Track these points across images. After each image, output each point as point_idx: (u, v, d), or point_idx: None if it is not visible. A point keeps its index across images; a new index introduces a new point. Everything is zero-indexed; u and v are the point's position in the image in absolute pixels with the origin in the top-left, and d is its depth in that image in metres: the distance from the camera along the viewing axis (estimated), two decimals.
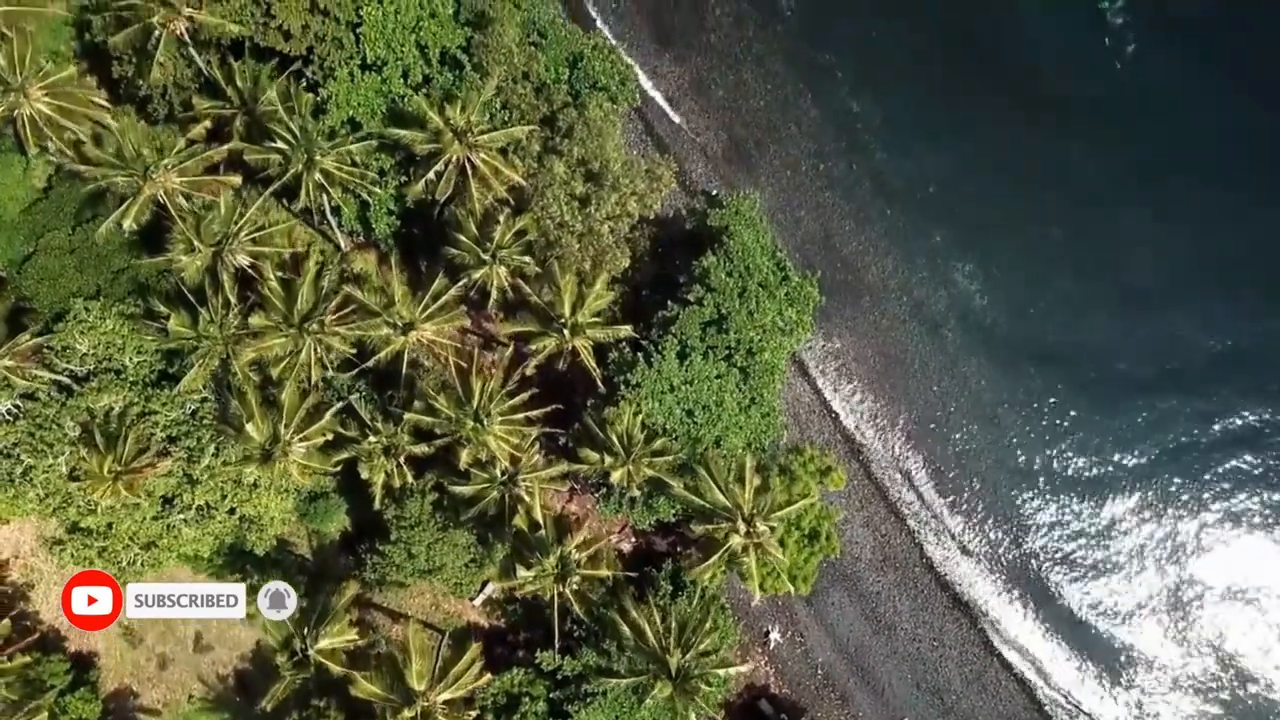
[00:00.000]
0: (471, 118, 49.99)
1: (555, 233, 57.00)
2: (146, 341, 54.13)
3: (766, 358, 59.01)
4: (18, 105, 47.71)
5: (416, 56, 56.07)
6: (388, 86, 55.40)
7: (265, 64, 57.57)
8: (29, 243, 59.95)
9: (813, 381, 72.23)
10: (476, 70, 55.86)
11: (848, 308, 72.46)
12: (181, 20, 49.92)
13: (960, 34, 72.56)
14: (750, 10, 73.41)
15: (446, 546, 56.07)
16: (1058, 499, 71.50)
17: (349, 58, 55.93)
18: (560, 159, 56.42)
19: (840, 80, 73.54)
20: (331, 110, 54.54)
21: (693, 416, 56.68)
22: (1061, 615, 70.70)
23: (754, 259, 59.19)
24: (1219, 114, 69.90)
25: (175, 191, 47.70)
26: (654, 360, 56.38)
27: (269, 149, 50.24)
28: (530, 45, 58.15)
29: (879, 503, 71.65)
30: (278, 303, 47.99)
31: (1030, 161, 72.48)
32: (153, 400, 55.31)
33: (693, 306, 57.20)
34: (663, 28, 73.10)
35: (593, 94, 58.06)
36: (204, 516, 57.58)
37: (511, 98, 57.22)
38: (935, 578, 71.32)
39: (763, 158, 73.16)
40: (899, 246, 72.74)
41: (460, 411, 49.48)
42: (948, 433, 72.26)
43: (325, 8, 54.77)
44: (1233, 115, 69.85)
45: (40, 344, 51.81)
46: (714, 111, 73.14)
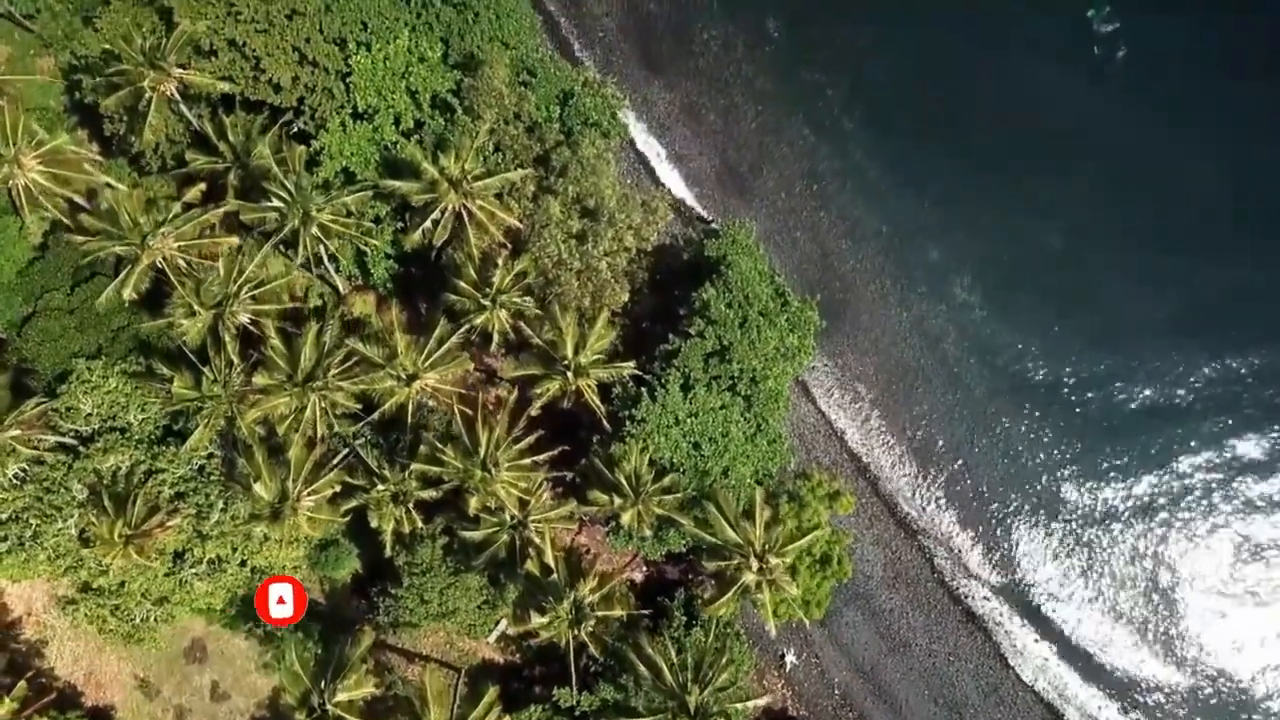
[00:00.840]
0: (466, 165, 49.94)
1: (554, 271, 57.06)
2: (150, 400, 54.11)
3: (770, 385, 59.07)
4: (12, 176, 47.69)
5: (408, 103, 56.11)
6: (380, 135, 55.43)
7: (257, 115, 57.62)
8: (28, 304, 60.03)
9: (816, 402, 72.26)
10: (468, 114, 55.90)
11: (848, 326, 72.47)
12: (171, 81, 49.98)
13: (949, 49, 72.49)
14: (737, 34, 73.42)
15: (459, 591, 56.13)
16: (1066, 509, 71.48)
17: (340, 107, 55.98)
18: (555, 198, 56.47)
19: (831, 99, 73.58)
20: (325, 162, 54.58)
21: (699, 449, 56.70)
22: (1074, 624, 70.69)
23: (753, 287, 59.21)
24: (1210, 119, 69.86)
25: (174, 257, 47.71)
26: (658, 394, 56.41)
27: (265, 208, 50.25)
28: (520, 85, 58.18)
29: (888, 519, 71.68)
30: (281, 361, 48.01)
31: (1024, 173, 72.49)
32: (159, 458, 55.35)
33: (694, 339, 57.23)
34: (651, 55, 73.15)
35: (585, 131, 58.09)
36: (216, 570, 57.73)
37: (504, 139, 57.27)
38: (947, 592, 71.32)
39: (757, 180, 73.20)
40: (896, 264, 72.75)
41: (468, 462, 49.50)
42: (953, 447, 72.26)
43: (314, 59, 54.85)
44: (1224, 120, 69.76)
45: (45, 409, 51.75)
46: (706, 136, 73.21)
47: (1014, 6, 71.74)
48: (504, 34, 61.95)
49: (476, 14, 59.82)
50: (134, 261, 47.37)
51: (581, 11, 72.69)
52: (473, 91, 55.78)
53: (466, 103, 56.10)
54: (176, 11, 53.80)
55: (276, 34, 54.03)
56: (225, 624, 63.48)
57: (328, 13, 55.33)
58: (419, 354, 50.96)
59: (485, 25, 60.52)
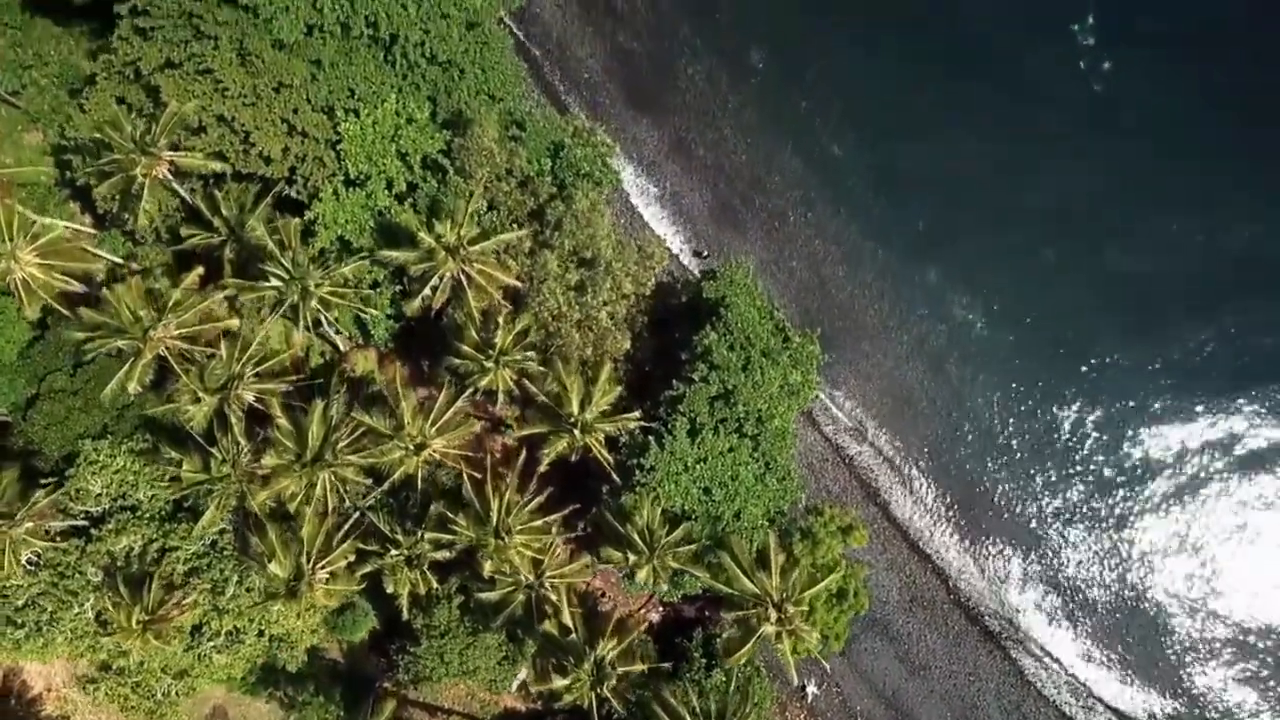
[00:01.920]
0: (462, 231, 49.99)
1: (554, 324, 57.17)
2: (159, 482, 54.19)
3: (777, 424, 59.10)
4: (10, 271, 47.73)
5: (399, 166, 56.15)
6: (373, 201, 55.46)
7: (249, 185, 57.60)
8: (30, 385, 59.95)
9: (822, 429, 72.36)
10: (460, 174, 55.95)
11: (850, 353, 72.57)
12: (163, 164, 50.00)
13: (934, 68, 72.52)
14: (721, 67, 73.43)
15: (479, 650, 56.21)
16: (1078, 522, 71.65)
17: (331, 175, 56.02)
18: (552, 252, 56.52)
19: (819, 126, 73.61)
20: (320, 231, 54.60)
21: (710, 494, 56.78)
22: (1092, 636, 70.83)
23: (753, 327, 59.27)
24: (1200, 127, 69.96)
25: (176, 346, 47.77)
26: (665, 442, 56.48)
27: (264, 288, 50.28)
28: (510, 140, 58.20)
29: (901, 543, 71.81)
30: (288, 442, 48.03)
31: (1016, 188, 72.57)
32: (171, 535, 55.37)
33: (698, 384, 57.27)
34: (637, 94, 73.15)
35: (578, 182, 58.09)
36: (234, 641, 57.70)
37: (497, 195, 57.31)
38: (964, 612, 71.48)
39: (750, 212, 73.24)
40: (894, 287, 72.86)
41: (481, 531, 49.54)
42: (962, 466, 72.42)
43: (303, 129, 54.87)
44: (1213, 128, 69.87)
45: (56, 497, 51.82)
46: (696, 171, 73.22)
47: (998, 26, 71.66)
48: (490, 86, 62.04)
49: (462, 70, 59.87)
50: (137, 354, 47.41)
51: (565, 55, 72.70)
52: (463, 151, 55.84)
53: (458, 163, 56.15)
54: (164, 90, 53.81)
55: (264, 107, 54.07)
56: (246, 690, 63.50)
57: (314, 82, 55.36)
58: (425, 420, 50.98)
59: (471, 80, 60.60)
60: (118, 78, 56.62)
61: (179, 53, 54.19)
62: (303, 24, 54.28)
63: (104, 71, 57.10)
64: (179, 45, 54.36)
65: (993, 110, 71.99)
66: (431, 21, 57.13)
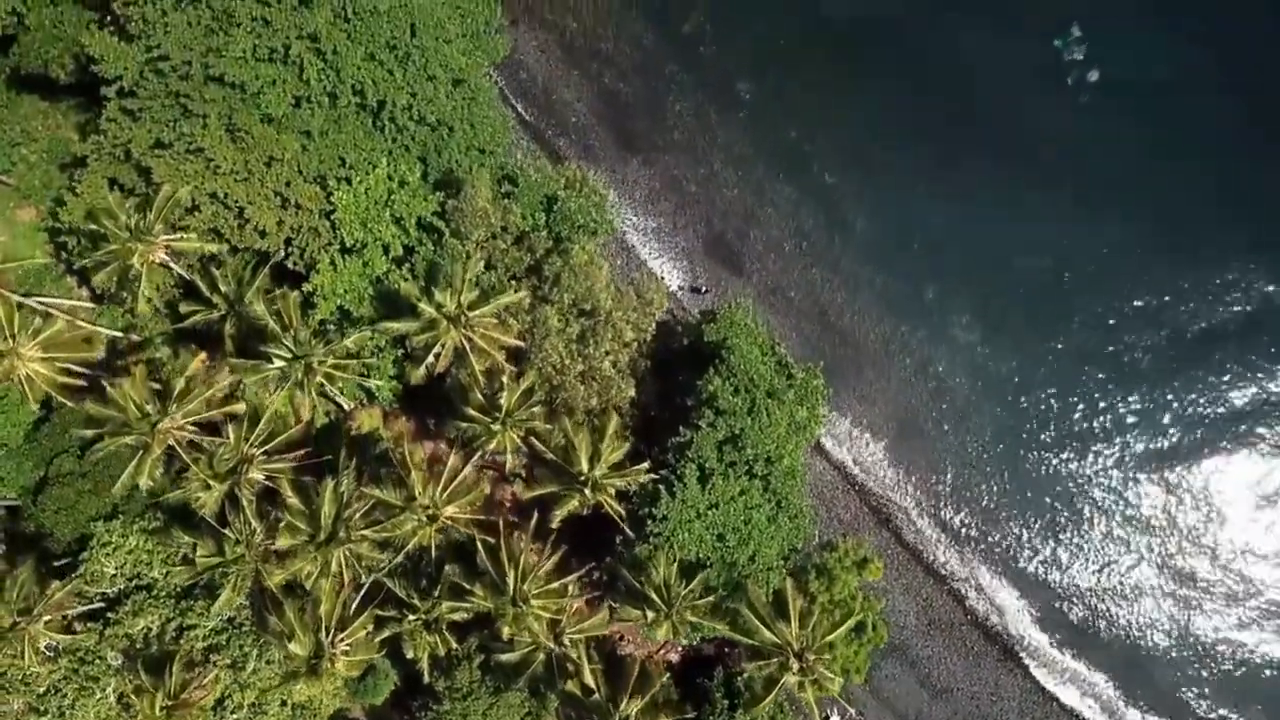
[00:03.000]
0: (462, 298, 50.00)
1: (558, 378, 57.21)
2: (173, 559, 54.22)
3: (786, 464, 59.11)
4: (13, 370, 47.72)
5: (395, 231, 56.17)
6: (371, 268, 55.47)
7: (245, 256, 57.61)
8: (38, 469, 59.96)
9: (830, 457, 72.39)
10: (456, 236, 55.95)
11: (853, 379, 72.63)
12: (160, 250, 50.05)
13: (921, 91, 72.54)
14: (708, 102, 73.44)
15: (502, 709, 56.25)
16: (1091, 537, 71.67)
17: (327, 244, 56.04)
18: (552, 307, 56.54)
19: (809, 154, 73.64)
20: (319, 303, 54.60)
21: (724, 540, 56.76)
22: (1112, 651, 70.94)
23: (756, 368, 59.29)
24: (1191, 138, 70.10)
25: (184, 436, 47.79)
26: (676, 490, 56.46)
27: (268, 370, 50.28)
28: (504, 197, 58.18)
29: (915, 567, 71.85)
30: (301, 524, 48.04)
31: (1009, 204, 72.63)
32: (189, 613, 55.40)
33: (705, 430, 57.29)
34: (626, 134, 73.17)
35: (574, 234, 58.10)
36: (258, 713, 57.73)
37: (494, 253, 57.32)
38: (983, 632, 71.56)
39: (745, 245, 73.25)
40: (893, 310, 72.87)
41: (499, 601, 49.54)
42: (972, 486, 72.45)
43: (296, 202, 54.90)
44: (1204, 139, 70.03)
45: (72, 587, 51.87)
46: (690, 207, 73.27)
47: (982, 44, 71.60)
48: (480, 141, 62.11)
49: (451, 128, 59.91)
50: (145, 449, 47.43)
51: (552, 100, 72.72)
52: (458, 213, 55.84)
53: (453, 224, 56.15)
54: (155, 172, 53.85)
55: (256, 181, 54.11)
56: None
57: (305, 153, 55.38)
58: (436, 487, 50.96)
59: (461, 137, 60.65)
60: (108, 158, 56.65)
61: (168, 133, 54.26)
62: (290, 96, 54.38)
63: (94, 152, 57.12)
64: (168, 125, 54.44)
65: (985, 128, 72.00)
66: (418, 84, 57.19)
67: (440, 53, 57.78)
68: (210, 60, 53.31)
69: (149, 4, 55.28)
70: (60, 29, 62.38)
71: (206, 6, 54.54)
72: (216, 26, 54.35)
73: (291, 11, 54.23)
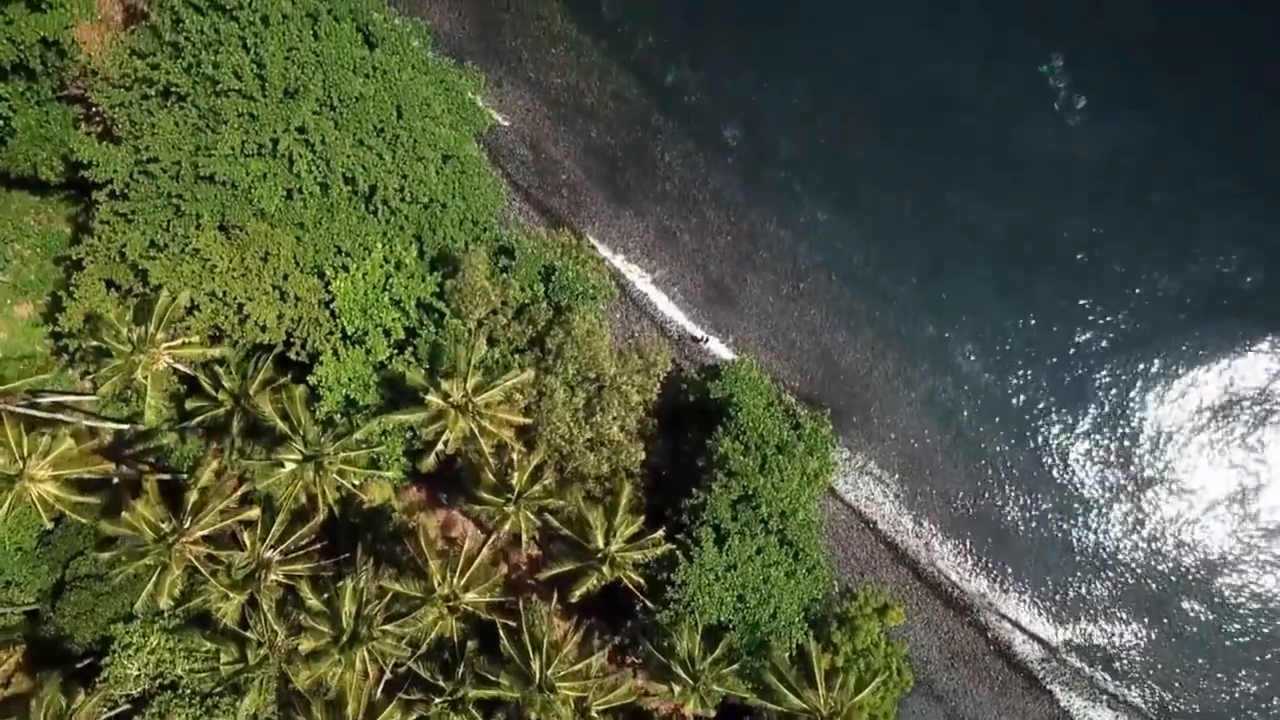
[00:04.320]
0: (469, 385, 50.02)
1: (567, 447, 57.26)
2: (196, 657, 54.16)
3: (801, 517, 59.19)
4: (23, 494, 47.71)
5: (395, 315, 56.19)
6: (374, 355, 55.48)
7: (246, 347, 57.61)
8: (54, 571, 59.95)
9: (843, 498, 72.38)
10: (456, 315, 55.98)
11: (860, 417, 72.64)
12: (163, 358, 50.06)
13: (910, 124, 72.62)
14: (697, 149, 73.43)
15: None
16: (1110, 558, 71.74)
17: (329, 334, 56.04)
18: (557, 378, 56.57)
19: (800, 195, 73.67)
20: (325, 395, 54.59)
21: (745, 601, 56.78)
22: (1133, 667, 70.99)
23: (764, 424, 59.38)
24: (1183, 155, 70.35)
25: (201, 551, 47.80)
26: (694, 554, 56.49)
27: (280, 475, 50.26)
28: (501, 271, 58.21)
29: (935, 601, 71.88)
30: (322, 626, 48.01)
31: (1005, 231, 72.84)
32: (215, 711, 55.26)
33: (718, 491, 57.35)
34: (617, 188, 73.19)
35: (574, 304, 58.15)
36: None
37: (495, 329, 57.37)
38: (1006, 661, 71.61)
39: (742, 290, 73.28)
40: (896, 346, 72.92)
41: (525, 690, 49.51)
42: (986, 515, 72.53)
43: (296, 295, 54.90)
44: (1195, 153, 70.29)
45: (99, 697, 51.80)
46: (685, 257, 73.24)
47: (965, 76, 71.81)
48: (473, 212, 62.17)
49: (444, 204, 59.95)
50: (163, 568, 47.44)
51: (541, 159, 72.75)
52: (457, 293, 55.87)
53: (453, 304, 56.18)
54: (152, 275, 53.83)
55: (254, 277, 54.10)
56: None
57: (300, 245, 55.40)
58: (454, 575, 50.96)
59: (454, 211, 60.67)
60: (103, 261, 56.59)
61: (163, 234, 54.29)
62: (282, 190, 54.41)
63: (88, 255, 57.05)
64: (161, 227, 54.47)
65: (975, 161, 72.15)
66: (408, 165, 57.25)
67: (428, 131, 57.88)
68: (200, 160, 53.32)
69: (135, 105, 55.50)
70: (47, 129, 62.59)
71: (193, 105, 54.65)
72: (204, 125, 54.44)
73: (278, 105, 54.33)
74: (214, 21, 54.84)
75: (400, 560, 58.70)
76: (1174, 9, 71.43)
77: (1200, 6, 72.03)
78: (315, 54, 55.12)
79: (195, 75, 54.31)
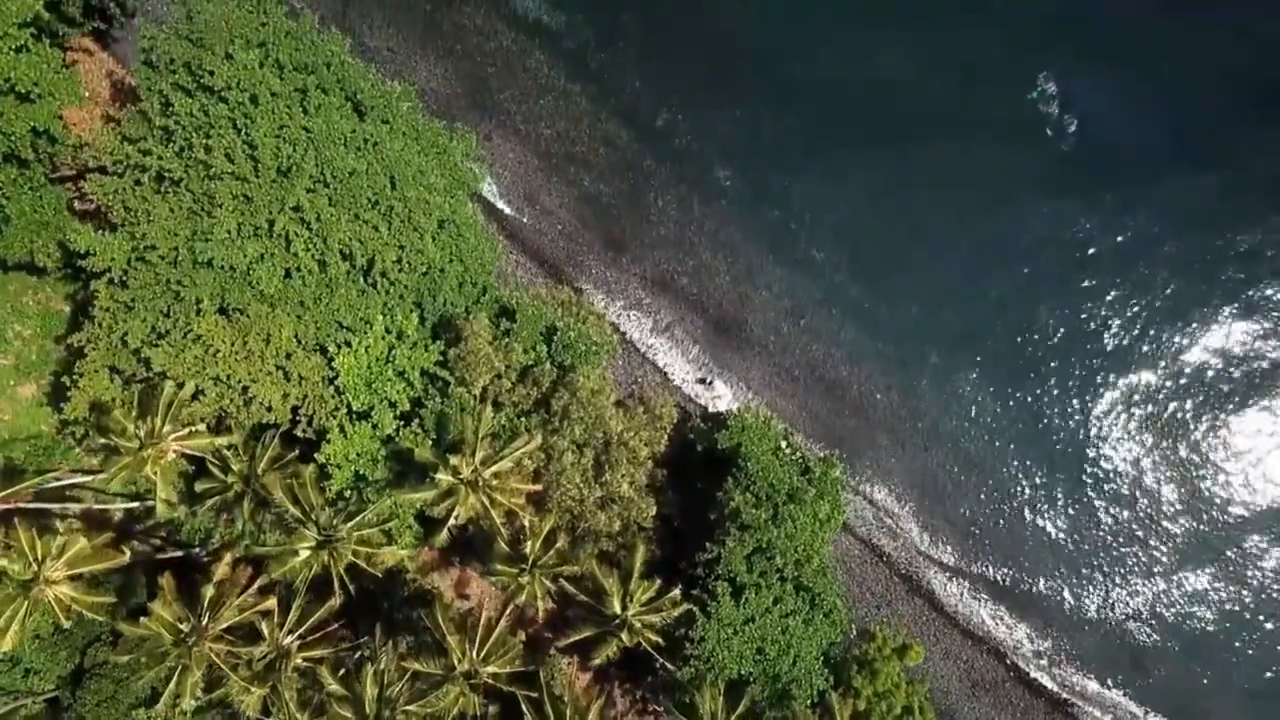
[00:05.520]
0: (478, 460, 50.03)
1: (578, 508, 57.29)
2: None
3: (816, 564, 59.21)
4: (41, 597, 47.65)
5: (400, 387, 56.15)
6: (381, 429, 55.44)
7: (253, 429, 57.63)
8: (73, 658, 59.89)
9: (855, 531, 72.45)
10: (461, 384, 55.99)
11: (869, 450, 72.77)
12: (172, 450, 50.06)
13: (903, 156, 72.79)
14: (689, 192, 73.53)
15: None
16: (1126, 576, 71.87)
17: (334, 410, 56.01)
18: (565, 439, 56.59)
19: (795, 232, 73.80)
20: (334, 474, 54.58)
21: (764, 653, 56.81)
22: (1162, 689, 71.05)
23: (774, 473, 59.38)
24: (1175, 172, 70.58)
25: (222, 649, 47.79)
26: (711, 609, 56.52)
27: (296, 564, 50.26)
28: (503, 335, 58.22)
29: (953, 631, 71.94)
30: (346, 710, 47.98)
31: (1005, 258, 73.18)
32: None
33: (732, 545, 57.38)
34: (613, 235, 73.22)
35: (577, 362, 58.16)
36: None
37: (500, 394, 57.38)
38: (1027, 687, 71.74)
39: (744, 330, 73.35)
40: (899, 377, 73.09)
41: None
42: (999, 541, 72.71)
43: (300, 374, 54.90)
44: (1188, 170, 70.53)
45: None
46: (685, 300, 73.30)
47: (957, 106, 71.89)
48: (471, 273, 62.17)
49: (442, 269, 59.93)
50: (184, 672, 47.42)
51: (535, 210, 72.77)
52: (460, 362, 55.89)
53: (457, 373, 56.19)
54: (154, 362, 53.77)
55: (257, 359, 54.07)
56: None
57: (300, 322, 55.38)
58: (472, 646, 50.95)
59: (453, 275, 60.59)
60: (105, 347, 56.51)
61: (164, 322, 54.26)
62: (280, 270, 54.36)
63: (89, 342, 56.98)
64: (162, 314, 54.45)
65: (971, 191, 72.37)
66: (405, 236, 57.20)
67: (423, 200, 57.82)
68: (197, 245, 53.26)
69: (129, 192, 55.42)
70: (42, 213, 62.54)
71: (186, 190, 54.52)
72: (199, 209, 54.35)
73: (272, 184, 54.27)
74: (203, 104, 54.82)
75: (418, 626, 58.77)
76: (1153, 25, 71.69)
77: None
78: (306, 130, 55.06)
79: (187, 159, 54.24)
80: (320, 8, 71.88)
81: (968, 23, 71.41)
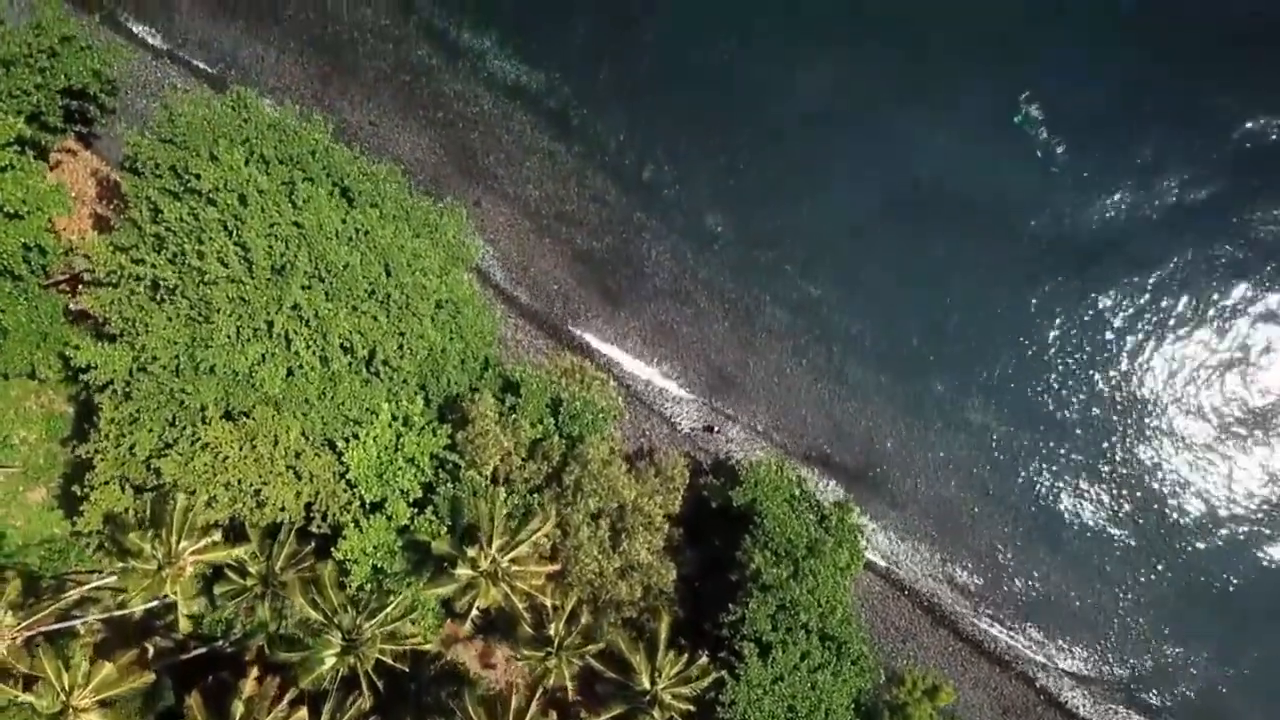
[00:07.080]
0: (494, 549, 49.95)
1: (599, 580, 57.19)
2: None
3: (840, 614, 59.16)
4: None
5: (411, 474, 56.09)
6: (395, 520, 55.38)
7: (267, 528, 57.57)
8: None
9: (876, 569, 72.27)
10: (471, 466, 55.95)
11: (881, 485, 72.67)
12: (189, 565, 50.02)
13: (891, 190, 72.79)
14: (682, 241, 73.40)
15: None
16: (1149, 594, 71.77)
17: (347, 504, 55.95)
18: (579, 513, 56.51)
19: (790, 273, 73.63)
20: (353, 569, 54.53)
21: (795, 710, 56.72)
22: (1196, 707, 71.03)
23: (791, 528, 59.29)
24: (1169, 191, 70.71)
25: None
26: (739, 671, 56.44)
27: (323, 671, 50.19)
28: (509, 411, 58.18)
29: (980, 659, 71.82)
30: None
31: (999, 283, 73.12)
32: None
33: (755, 606, 57.32)
34: (609, 290, 73.12)
35: (585, 432, 58.12)
36: None
37: (511, 472, 57.33)
38: (1060, 710, 71.53)
39: (747, 375, 73.27)
40: (905, 410, 72.92)
41: None
42: (1019, 567, 72.49)
43: (311, 473, 54.83)
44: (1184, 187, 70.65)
45: None
46: (686, 348, 73.19)
47: (937, 133, 71.91)
48: (473, 349, 62.17)
49: (444, 350, 59.90)
50: None
51: (530, 273, 72.72)
52: (469, 444, 55.84)
53: (467, 456, 56.14)
54: (164, 472, 53.75)
55: (267, 462, 54.03)
56: None
57: (306, 419, 55.31)
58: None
59: (454, 354, 60.64)
60: (113, 459, 56.43)
61: (171, 431, 54.21)
62: (283, 370, 54.29)
63: (98, 453, 56.91)
64: (168, 422, 54.39)
65: (965, 221, 72.24)
66: (404, 322, 57.17)
67: (419, 285, 57.75)
68: (198, 352, 53.18)
69: (125, 302, 55.35)
70: (39, 323, 62.41)
71: (183, 296, 54.51)
72: (196, 315, 54.33)
73: (267, 284, 54.23)
74: (192, 207, 54.81)
75: (447, 707, 58.60)
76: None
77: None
78: (297, 225, 55.06)
79: (181, 266, 54.21)
80: (299, 89, 71.92)
81: (951, 54, 71.58)
